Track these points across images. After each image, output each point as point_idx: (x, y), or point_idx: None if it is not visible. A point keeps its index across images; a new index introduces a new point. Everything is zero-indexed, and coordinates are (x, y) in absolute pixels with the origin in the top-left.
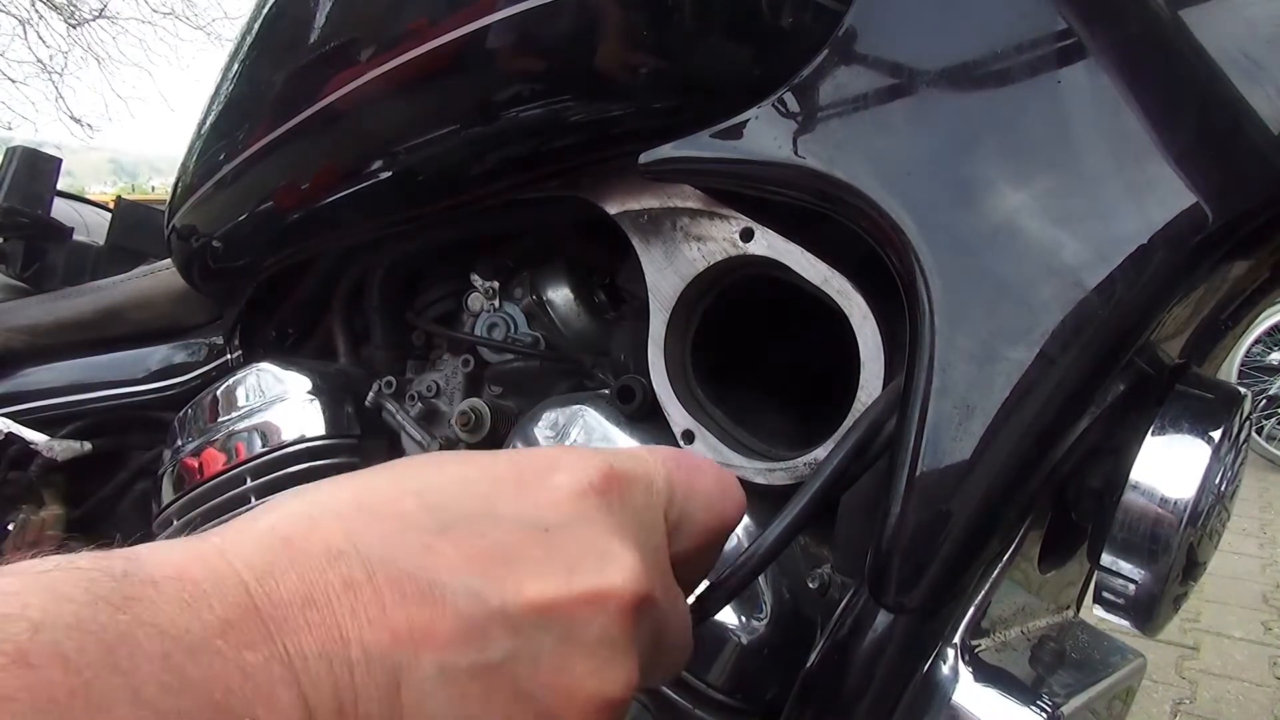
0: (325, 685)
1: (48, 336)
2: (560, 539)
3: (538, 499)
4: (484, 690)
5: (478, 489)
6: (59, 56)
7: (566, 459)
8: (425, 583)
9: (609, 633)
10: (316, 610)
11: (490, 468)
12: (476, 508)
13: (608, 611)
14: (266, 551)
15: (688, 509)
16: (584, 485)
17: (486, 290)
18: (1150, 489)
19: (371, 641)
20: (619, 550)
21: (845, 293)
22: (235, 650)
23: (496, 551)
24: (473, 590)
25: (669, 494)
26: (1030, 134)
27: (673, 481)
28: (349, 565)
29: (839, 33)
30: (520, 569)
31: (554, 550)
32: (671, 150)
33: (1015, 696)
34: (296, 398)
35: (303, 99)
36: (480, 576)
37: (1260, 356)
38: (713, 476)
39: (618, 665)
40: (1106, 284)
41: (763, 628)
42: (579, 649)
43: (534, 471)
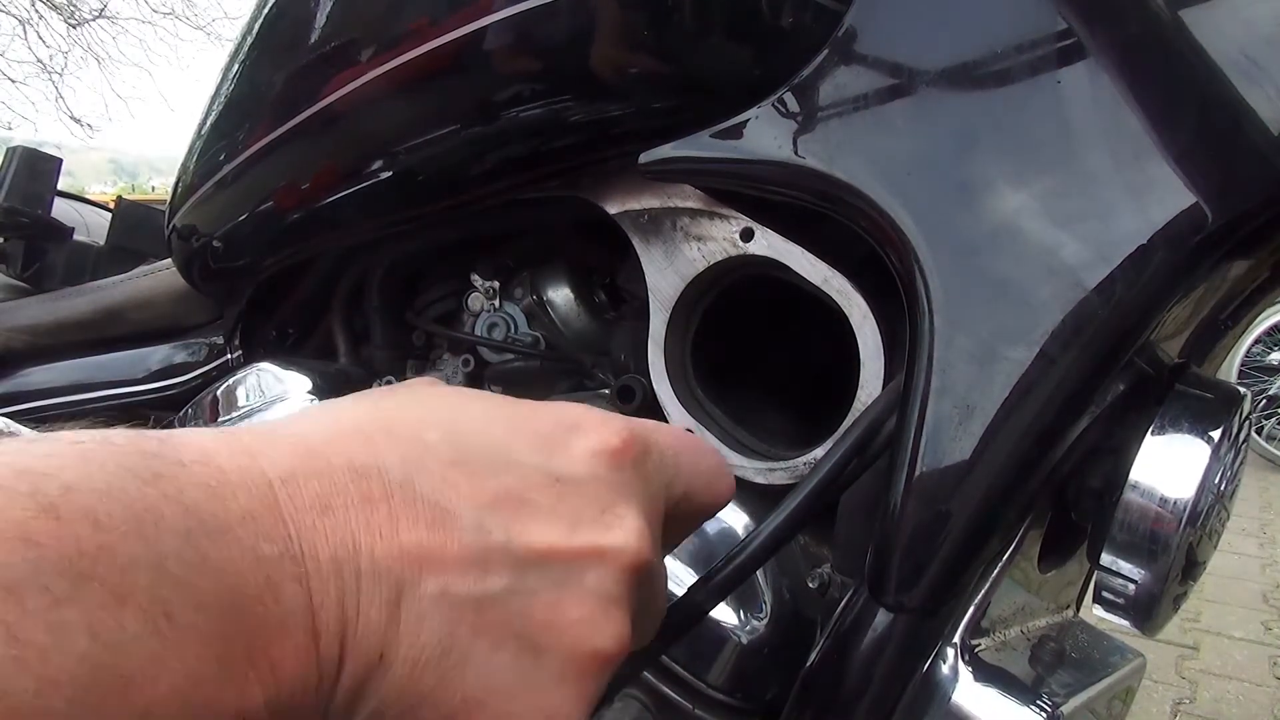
0: (332, 587)
1: (48, 336)
2: (570, 491)
3: (555, 450)
4: (478, 618)
5: (499, 431)
6: (59, 56)
7: (589, 418)
8: (438, 509)
9: (605, 587)
10: (333, 517)
11: (514, 413)
12: (496, 448)
13: (606, 567)
14: (292, 457)
15: (691, 487)
16: (602, 445)
17: (487, 290)
18: (1150, 489)
19: (381, 555)
20: (625, 512)
21: (845, 293)
22: (253, 540)
23: (508, 492)
24: (480, 524)
25: (676, 469)
26: (1030, 134)
27: (681, 458)
28: (369, 482)
29: (839, 33)
30: (527, 512)
31: (562, 500)
32: (671, 150)
33: (1015, 696)
34: (297, 398)
35: (303, 99)
36: (489, 512)
37: (1260, 356)
38: (713, 460)
39: (611, 620)
40: (1106, 284)
41: (762, 627)
42: (574, 596)
43: (556, 423)
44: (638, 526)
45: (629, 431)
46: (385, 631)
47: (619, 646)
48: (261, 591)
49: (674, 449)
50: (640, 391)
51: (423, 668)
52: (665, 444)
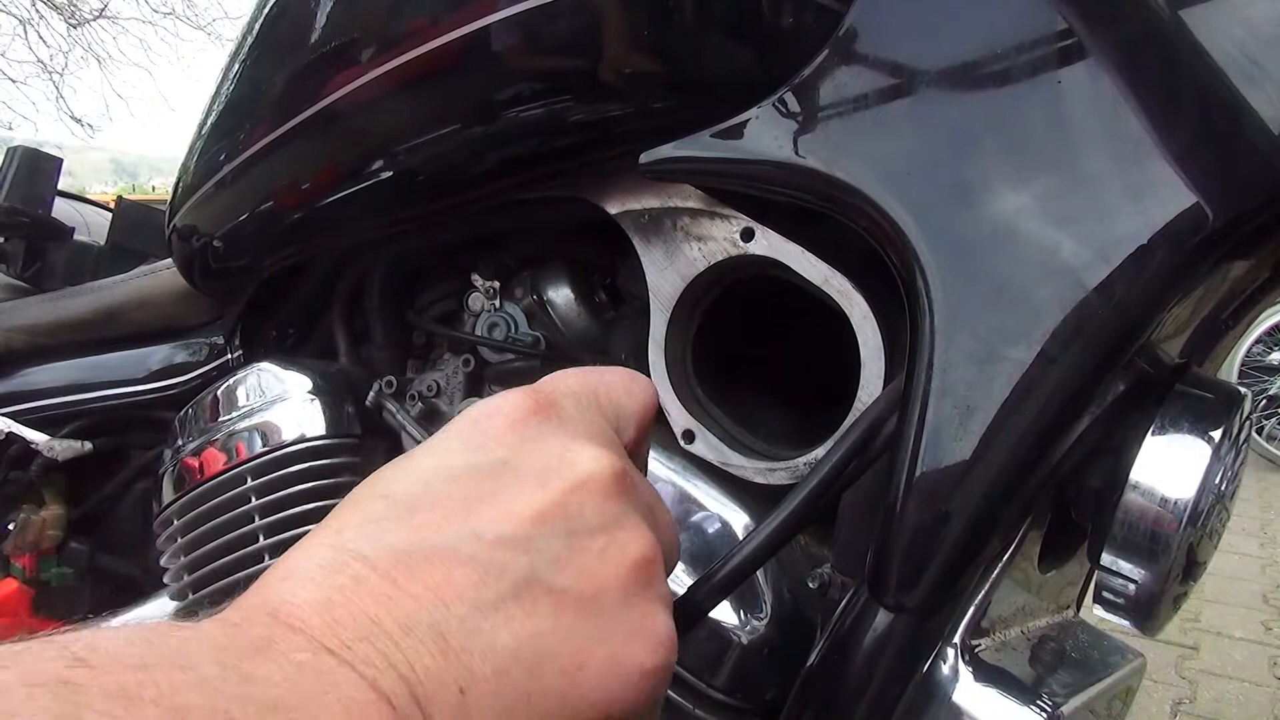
0: (377, 659)
1: (48, 336)
2: (519, 463)
3: (481, 444)
4: (523, 605)
5: (428, 466)
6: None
7: (492, 404)
8: (424, 550)
9: (605, 509)
10: (338, 608)
11: (431, 445)
12: (433, 477)
13: (593, 493)
14: (271, 589)
15: (617, 403)
16: (516, 414)
17: (487, 290)
18: (1150, 489)
19: (400, 614)
20: (577, 447)
21: (846, 293)
22: (284, 654)
23: (470, 497)
24: (467, 535)
25: (594, 398)
26: (1030, 134)
27: (590, 386)
28: (350, 567)
29: (839, 33)
30: (497, 500)
31: (518, 473)
32: (672, 150)
33: (1015, 696)
34: (297, 397)
35: (304, 99)
36: (468, 522)
37: (1261, 356)
38: (618, 373)
39: (627, 530)
40: (1107, 284)
41: (763, 627)
42: (586, 535)
43: (468, 426)
44: (594, 450)
45: (532, 392)
46: (449, 669)
47: (649, 545)
48: (319, 685)
49: (579, 384)
50: None
51: (509, 673)
52: (569, 385)
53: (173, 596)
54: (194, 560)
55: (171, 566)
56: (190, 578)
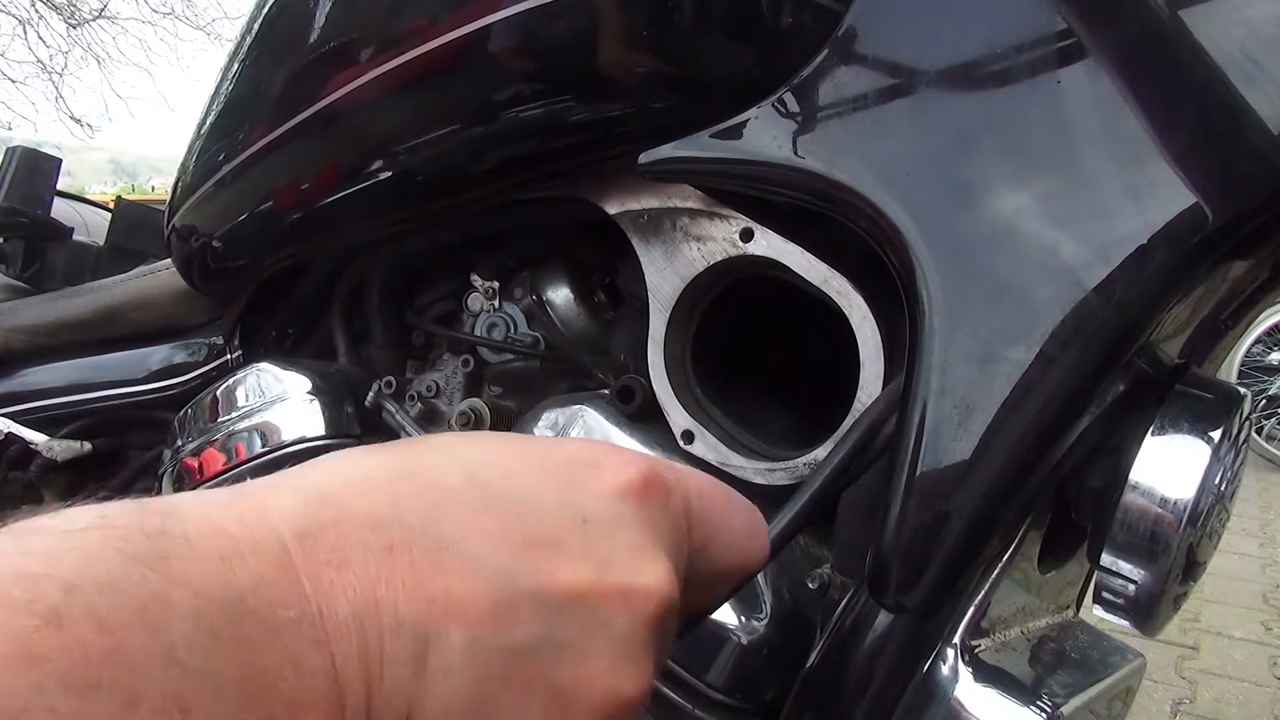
0: (354, 648)
1: (48, 336)
2: (597, 533)
3: (579, 491)
4: (505, 671)
5: (522, 473)
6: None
7: (611, 458)
8: (464, 556)
9: (634, 631)
10: (352, 572)
11: (536, 454)
12: (519, 491)
13: (635, 610)
14: (305, 508)
15: (713, 538)
16: (626, 485)
17: (486, 290)
18: (1150, 489)
19: (405, 609)
20: (653, 554)
21: (845, 293)
22: (268, 608)
23: (535, 536)
24: (509, 570)
25: (702, 515)
26: (1030, 134)
27: (706, 506)
28: (390, 531)
29: (839, 33)
30: (556, 556)
31: (590, 542)
32: (671, 150)
33: (1015, 696)
34: (296, 398)
35: (303, 99)
36: (517, 558)
37: (1260, 356)
38: (744, 515)
39: (637, 665)
40: (1106, 284)
41: (762, 628)
42: (602, 643)
43: (579, 464)
44: (665, 568)
45: (650, 470)
46: (411, 688)
47: (642, 692)
48: (280, 663)
49: (700, 494)
50: (640, 392)
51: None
52: (691, 487)
53: None
54: None
55: None
56: None
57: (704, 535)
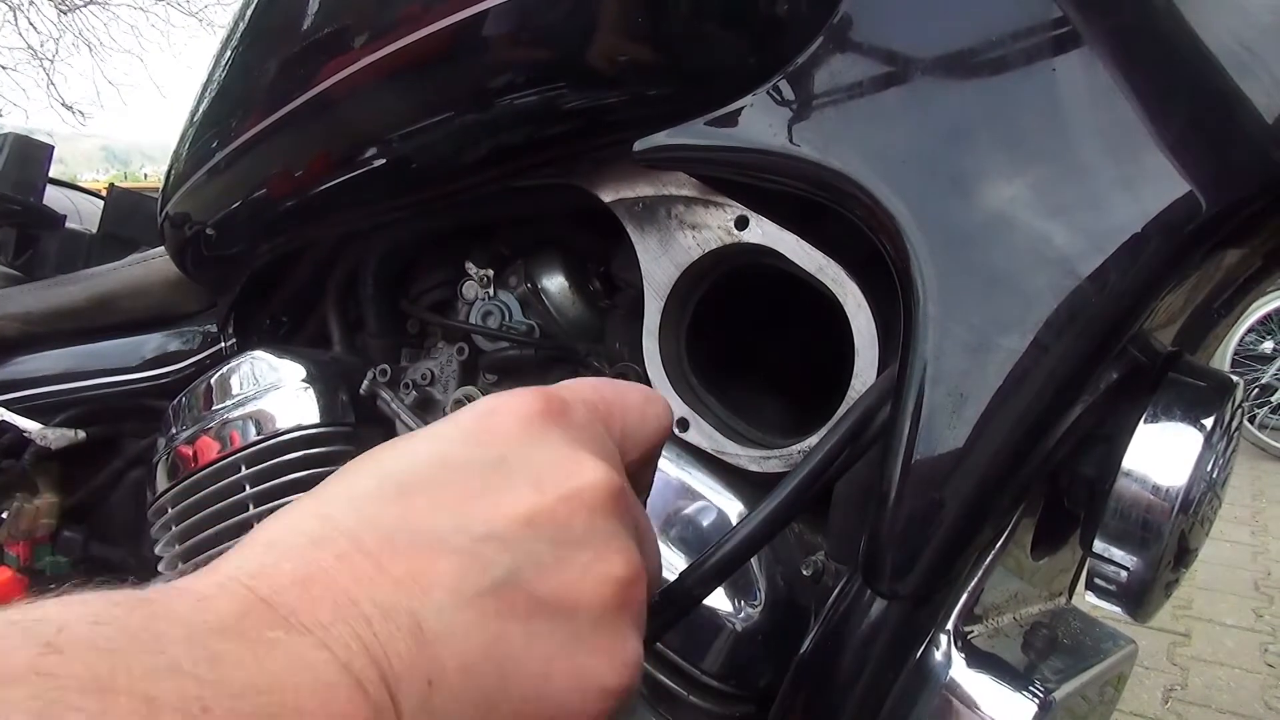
0: (351, 642)
1: (41, 324)
2: (518, 463)
3: (485, 439)
4: (500, 604)
5: (427, 450)
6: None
7: (502, 400)
8: (410, 533)
9: (595, 524)
10: (318, 585)
11: (433, 430)
12: (432, 465)
13: (587, 506)
14: (253, 556)
15: (627, 422)
16: (524, 413)
17: (481, 278)
18: (1143, 476)
19: (379, 597)
20: (579, 456)
21: (840, 281)
22: (256, 631)
23: (464, 490)
24: (456, 526)
25: (606, 411)
26: (1025, 122)
27: (606, 399)
28: (334, 543)
29: (834, 20)
30: (491, 496)
31: (516, 474)
32: (666, 138)
33: (1007, 682)
34: (291, 386)
35: (296, 86)
36: (458, 515)
37: (1253, 345)
38: (638, 392)
39: (614, 549)
40: (1100, 272)
41: (757, 614)
42: (573, 546)
43: (474, 419)
44: (594, 463)
45: (543, 393)
46: (421, 659)
47: (633, 568)
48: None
49: (595, 395)
50: (635, 379)
51: (476, 670)
52: (584, 394)
53: None
54: (188, 549)
55: (165, 555)
56: (184, 566)
57: (619, 424)
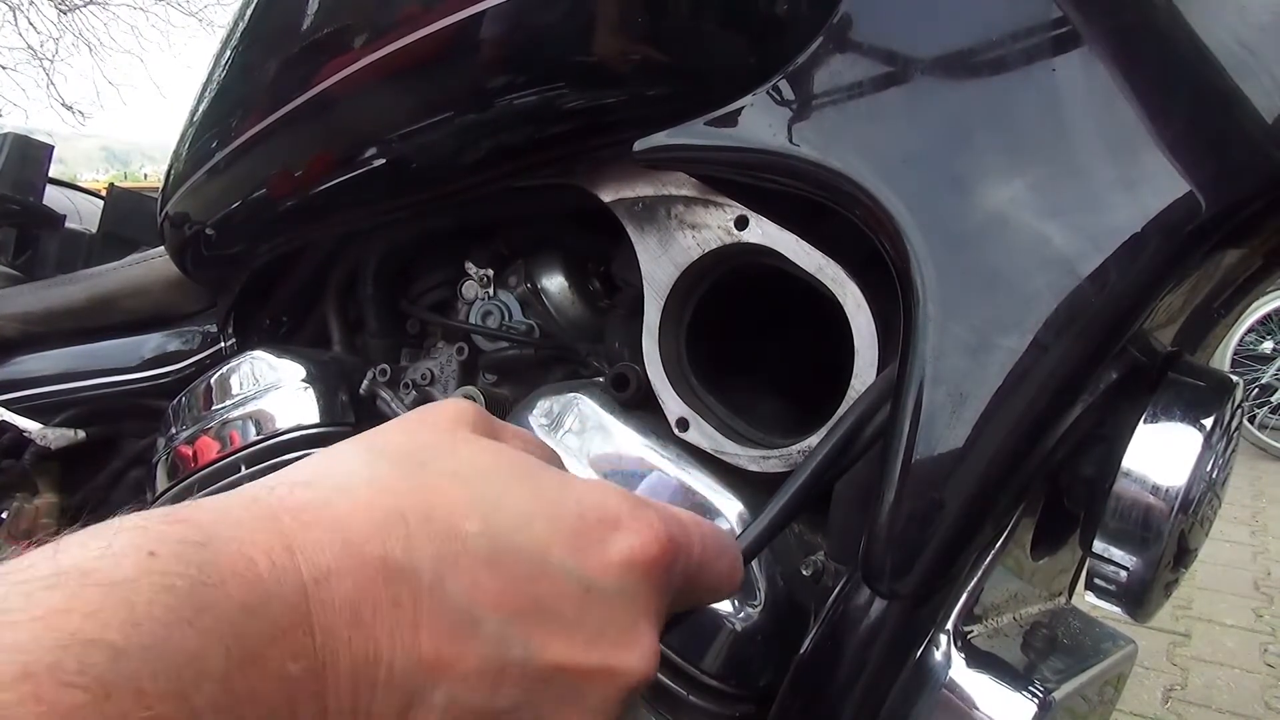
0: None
1: (41, 324)
2: (596, 603)
3: (589, 555)
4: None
5: (539, 526)
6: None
7: (631, 520)
8: (463, 616)
9: (606, 704)
10: (361, 627)
11: (556, 504)
12: (531, 546)
13: (614, 686)
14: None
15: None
16: (641, 553)
17: (481, 278)
18: (1142, 476)
19: (400, 666)
20: (644, 632)
21: (839, 280)
22: (280, 662)
23: (534, 598)
24: (502, 636)
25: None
26: (1025, 122)
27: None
28: (401, 586)
29: (834, 20)
30: (550, 625)
31: (586, 613)
32: (666, 138)
33: (1007, 682)
34: (290, 386)
35: (295, 86)
36: (513, 621)
37: (1253, 345)
38: (730, 560)
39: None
40: (1099, 272)
41: (756, 614)
42: (575, 712)
43: (596, 520)
44: (651, 648)
45: (669, 539)
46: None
47: None
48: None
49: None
50: (635, 380)
51: None
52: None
53: None
54: None
55: None
56: None
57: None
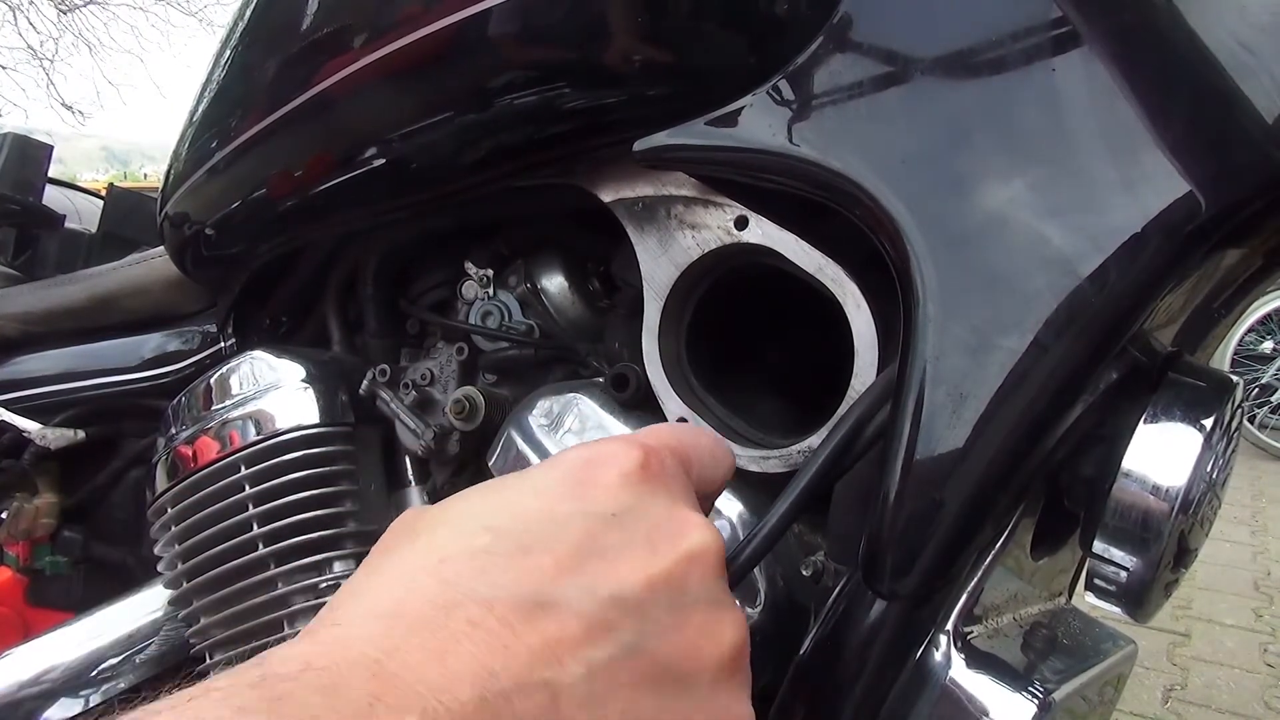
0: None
1: (40, 324)
2: (629, 521)
3: (589, 494)
4: (630, 672)
5: (529, 502)
6: (49, 43)
7: (598, 451)
8: (539, 599)
9: (708, 587)
10: (456, 659)
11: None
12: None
13: (701, 567)
14: (381, 628)
15: (702, 467)
16: (629, 470)
17: (481, 278)
18: (1142, 477)
19: (517, 668)
20: (685, 515)
21: (839, 280)
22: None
23: (581, 549)
24: (583, 588)
25: (685, 458)
26: (1025, 122)
27: (684, 445)
28: (464, 610)
29: (834, 19)
30: (610, 556)
31: (629, 532)
32: (666, 138)
33: (1007, 682)
34: (290, 386)
35: (295, 86)
36: (581, 577)
37: (1253, 345)
38: (708, 437)
39: (726, 616)
40: (1100, 273)
41: (757, 615)
42: (690, 610)
43: (572, 470)
44: (700, 522)
45: (641, 446)
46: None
47: (743, 630)
48: None
49: (680, 443)
50: (634, 380)
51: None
52: (673, 443)
53: (166, 585)
54: (187, 549)
55: (165, 555)
56: (184, 566)
57: (696, 474)
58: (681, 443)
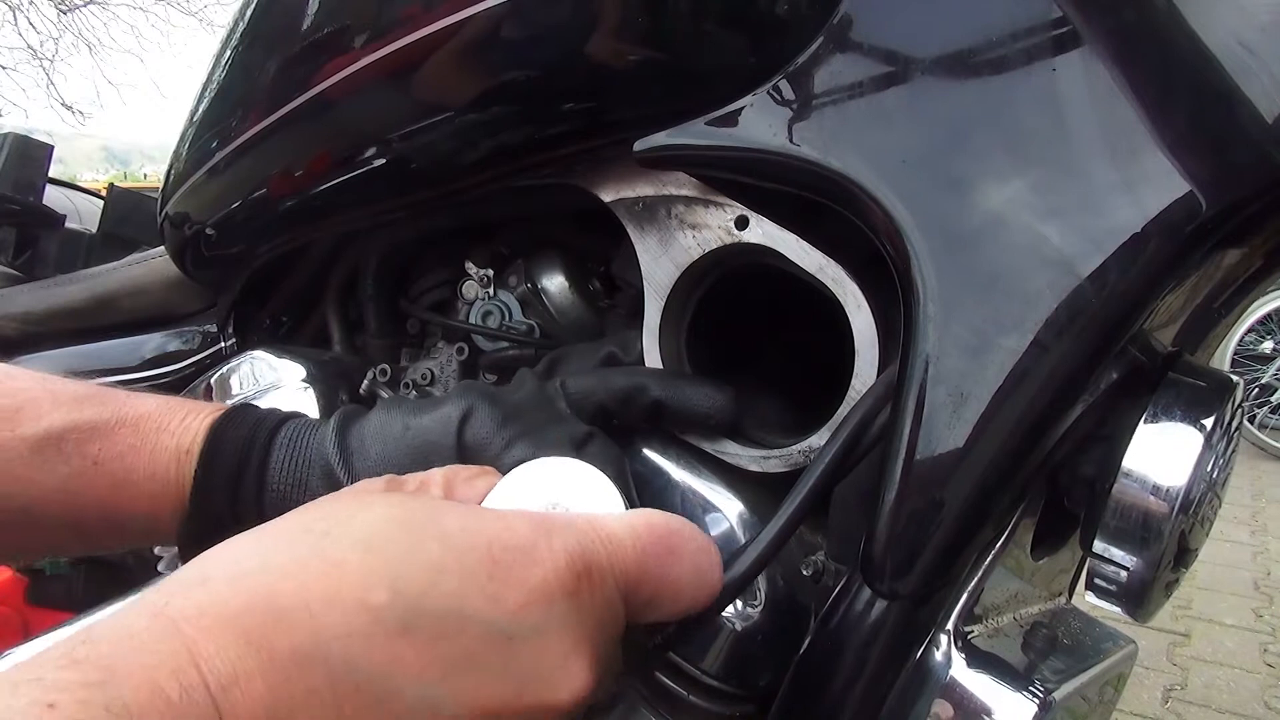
0: None
1: (40, 324)
2: (521, 649)
3: (505, 598)
4: None
5: (449, 583)
6: (50, 43)
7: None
8: (384, 690)
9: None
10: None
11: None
12: (445, 605)
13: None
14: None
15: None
16: (554, 586)
17: (481, 278)
18: (1142, 476)
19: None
20: (575, 665)
21: (840, 281)
22: None
23: (457, 657)
24: (428, 699)
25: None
26: (1025, 122)
27: (647, 567)
28: (312, 672)
29: (834, 19)
30: (476, 677)
31: (512, 660)
32: (666, 138)
33: (1007, 682)
34: (290, 386)
35: (296, 86)
36: (438, 684)
37: (1253, 345)
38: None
39: None
40: (1100, 272)
41: (757, 614)
42: None
43: (507, 563)
44: (584, 678)
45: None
46: None
47: None
48: None
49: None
50: None
51: None
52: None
53: None
54: None
55: (165, 555)
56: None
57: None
58: (643, 563)
